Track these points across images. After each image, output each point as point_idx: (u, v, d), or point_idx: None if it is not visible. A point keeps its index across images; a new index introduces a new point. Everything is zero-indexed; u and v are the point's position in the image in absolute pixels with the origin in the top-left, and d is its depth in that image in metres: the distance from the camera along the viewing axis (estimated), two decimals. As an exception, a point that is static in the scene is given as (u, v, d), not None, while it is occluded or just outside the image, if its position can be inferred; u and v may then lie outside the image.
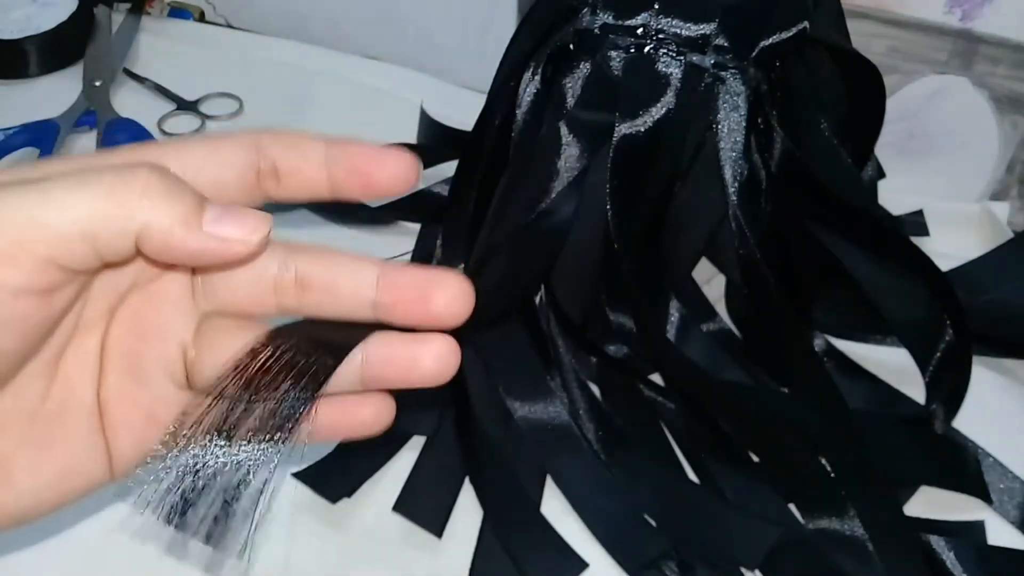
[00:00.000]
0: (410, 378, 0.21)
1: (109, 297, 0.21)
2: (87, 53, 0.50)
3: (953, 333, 0.33)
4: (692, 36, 0.31)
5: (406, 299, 0.21)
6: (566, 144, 0.32)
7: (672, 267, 0.35)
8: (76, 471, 0.21)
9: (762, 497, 0.31)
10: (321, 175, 0.21)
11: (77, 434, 0.21)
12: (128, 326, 0.21)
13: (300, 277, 0.21)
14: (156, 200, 0.18)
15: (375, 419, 0.22)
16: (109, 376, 0.21)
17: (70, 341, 0.20)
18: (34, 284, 0.18)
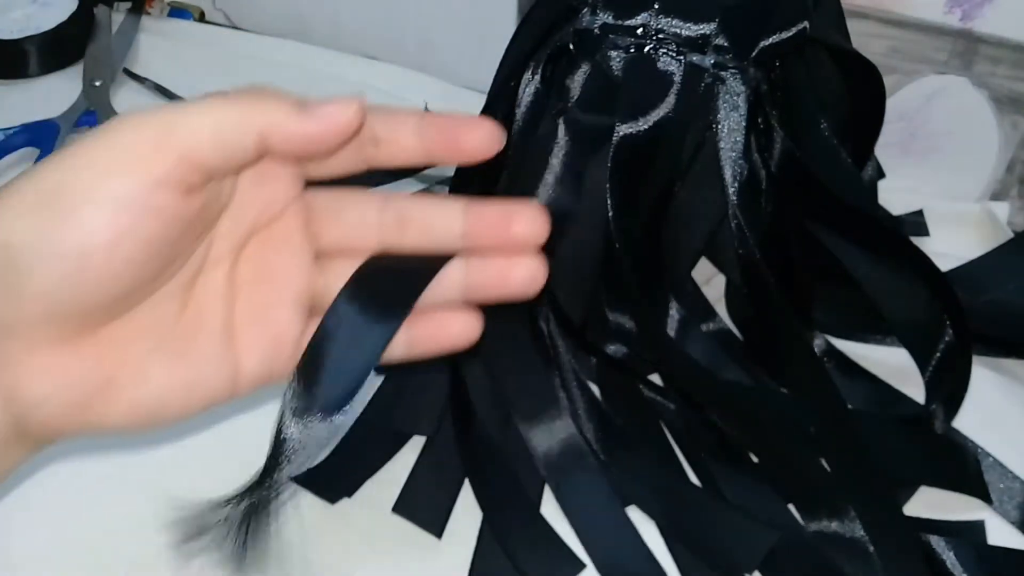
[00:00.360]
0: (505, 289, 0.25)
1: (233, 238, 0.24)
2: (87, 53, 0.50)
3: (953, 333, 0.33)
4: (692, 36, 0.31)
5: (491, 226, 0.24)
6: (562, 142, 0.32)
7: (672, 267, 0.35)
8: (205, 381, 0.24)
9: (762, 498, 0.31)
10: (415, 142, 0.24)
11: (208, 349, 0.24)
12: (253, 264, 0.24)
13: (399, 215, 0.25)
14: (270, 101, 0.21)
15: (464, 332, 0.25)
16: (239, 304, 0.24)
17: (199, 274, 0.24)
18: (172, 178, 0.21)
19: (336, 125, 0.22)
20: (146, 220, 0.21)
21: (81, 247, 0.20)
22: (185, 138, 0.21)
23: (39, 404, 0.22)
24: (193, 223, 0.22)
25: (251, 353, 0.24)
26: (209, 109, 0.21)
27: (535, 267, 0.25)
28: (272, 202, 0.24)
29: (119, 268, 0.21)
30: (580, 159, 0.32)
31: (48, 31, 0.49)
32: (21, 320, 0.21)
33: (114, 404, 0.22)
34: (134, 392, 0.23)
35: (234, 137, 0.21)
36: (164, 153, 0.20)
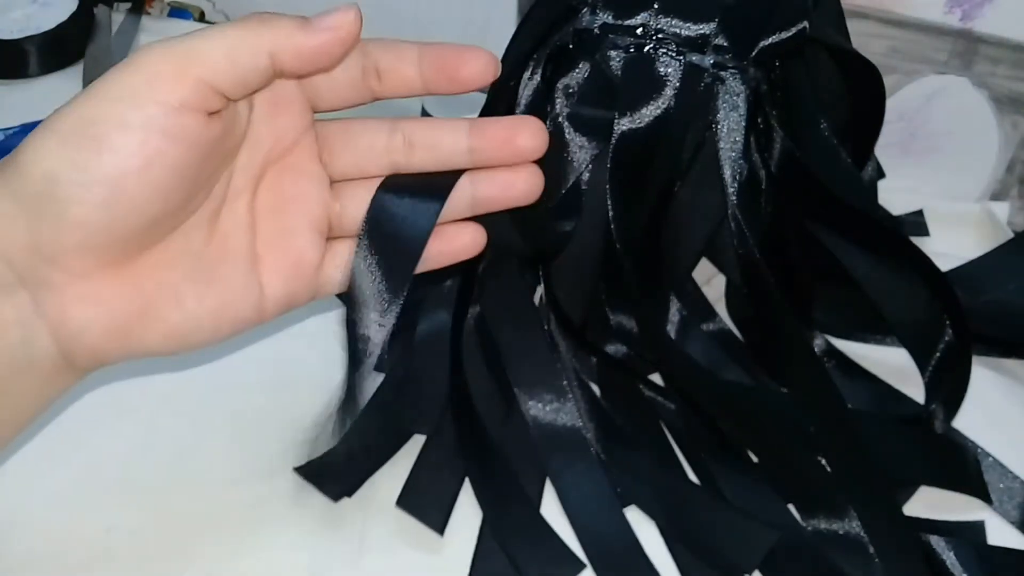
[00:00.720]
0: (510, 196, 0.27)
1: (250, 171, 0.26)
2: (87, 53, 0.50)
3: (953, 333, 0.33)
4: (692, 36, 0.31)
5: (495, 140, 0.26)
6: (572, 141, 0.32)
7: (672, 267, 0.35)
8: (233, 305, 0.25)
9: (762, 498, 0.31)
10: (415, 73, 0.25)
11: (235, 275, 0.25)
12: (272, 194, 0.26)
13: (407, 137, 0.27)
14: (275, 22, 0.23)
15: (473, 242, 0.28)
16: (260, 232, 0.26)
17: (223, 204, 0.25)
18: (193, 101, 0.22)
19: (338, 32, 0.23)
20: (173, 144, 0.22)
21: (115, 173, 0.22)
22: (202, 63, 0.22)
23: (83, 330, 0.23)
24: (215, 149, 0.24)
25: (274, 277, 0.26)
26: (222, 35, 0.23)
27: (536, 177, 0.27)
28: (284, 134, 0.26)
29: (150, 193, 0.22)
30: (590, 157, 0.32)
31: (48, 31, 0.49)
32: (64, 249, 0.22)
33: (151, 329, 0.24)
34: (169, 317, 0.24)
35: (247, 58, 0.23)
36: (184, 78, 0.22)
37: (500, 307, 0.33)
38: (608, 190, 0.31)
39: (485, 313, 0.34)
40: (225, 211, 0.26)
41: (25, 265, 0.23)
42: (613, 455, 0.32)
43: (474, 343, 0.34)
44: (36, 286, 0.23)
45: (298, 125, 0.26)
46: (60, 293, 0.23)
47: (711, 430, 0.32)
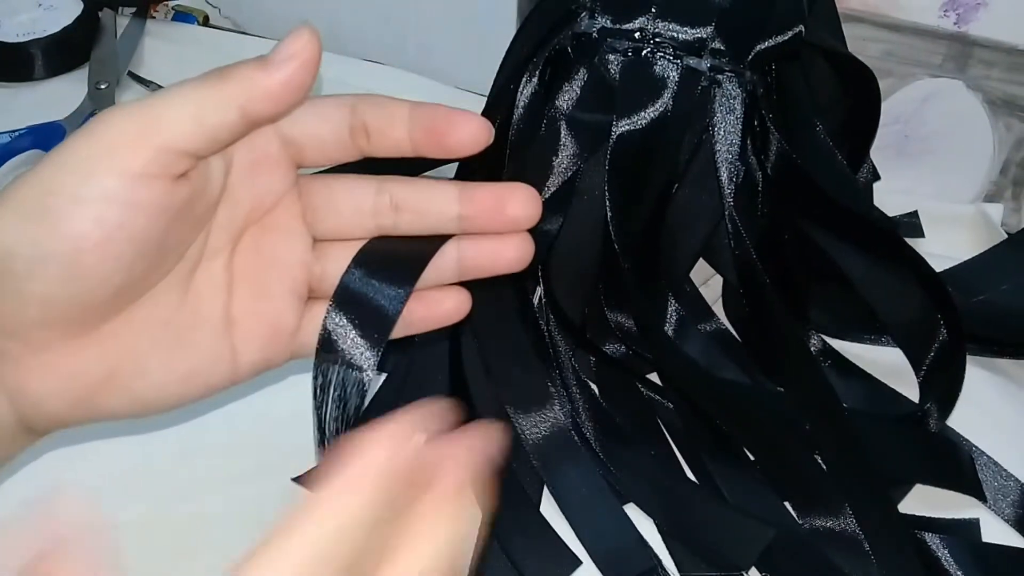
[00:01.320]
0: (498, 265, 0.26)
1: (229, 230, 0.24)
2: (92, 56, 0.50)
3: (947, 333, 0.34)
4: (689, 40, 0.31)
5: (485, 208, 0.25)
6: (564, 144, 0.32)
7: (670, 267, 0.35)
8: (203, 372, 0.24)
9: (758, 495, 0.31)
10: (404, 135, 0.24)
11: (207, 341, 0.24)
12: (251, 254, 0.25)
13: (394, 200, 0.25)
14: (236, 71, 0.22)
15: (457, 309, 0.27)
16: (236, 295, 0.25)
17: (198, 265, 0.24)
18: (152, 170, 0.21)
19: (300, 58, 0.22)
20: (132, 215, 0.21)
21: (72, 249, 0.21)
22: (166, 128, 0.21)
23: (43, 400, 0.22)
24: (183, 213, 0.22)
25: (249, 342, 0.25)
26: (186, 96, 0.21)
27: (526, 245, 0.26)
28: (267, 192, 0.25)
29: (111, 266, 0.21)
30: (578, 161, 0.32)
31: (53, 34, 0.50)
32: (22, 323, 0.21)
33: (115, 396, 0.23)
34: (134, 384, 0.23)
35: (215, 117, 0.21)
36: (143, 146, 0.21)
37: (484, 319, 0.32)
38: (606, 192, 0.32)
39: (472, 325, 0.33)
40: (200, 272, 0.24)
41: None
42: (612, 454, 0.32)
43: (472, 343, 0.34)
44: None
45: (281, 184, 0.25)
46: (20, 364, 0.22)
47: (709, 429, 0.32)
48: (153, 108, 0.21)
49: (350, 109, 0.24)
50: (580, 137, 0.32)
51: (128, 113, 0.21)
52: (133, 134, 0.21)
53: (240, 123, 0.22)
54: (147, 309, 0.23)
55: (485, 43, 0.52)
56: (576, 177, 0.32)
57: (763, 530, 0.29)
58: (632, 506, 0.31)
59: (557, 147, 0.32)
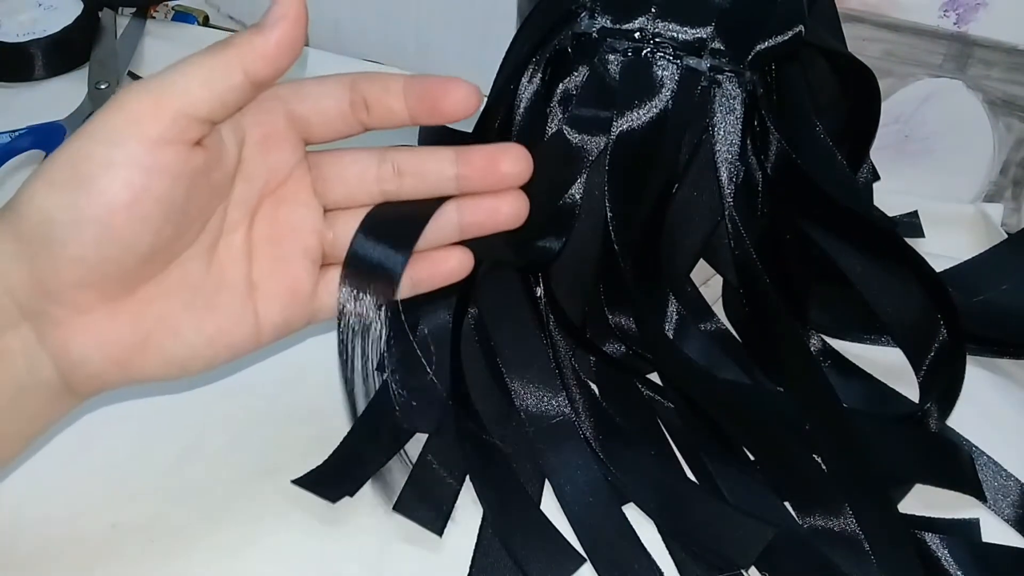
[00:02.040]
0: (496, 222, 0.28)
1: (247, 203, 0.27)
2: (92, 56, 0.50)
3: (947, 333, 0.34)
4: (688, 40, 0.31)
5: (480, 167, 0.27)
6: (576, 143, 0.32)
7: (670, 267, 0.35)
8: (230, 333, 0.26)
9: (758, 495, 0.31)
10: (401, 105, 0.26)
11: (232, 304, 0.26)
12: (268, 225, 0.27)
13: (396, 166, 0.27)
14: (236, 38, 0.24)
15: (460, 266, 0.29)
16: (257, 262, 0.27)
17: (220, 236, 0.26)
18: (172, 135, 0.23)
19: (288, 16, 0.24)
20: (156, 178, 0.23)
21: (103, 211, 0.23)
22: (179, 95, 0.23)
23: (84, 361, 0.24)
24: (201, 180, 0.24)
25: (270, 305, 0.27)
26: (194, 64, 0.24)
27: (520, 202, 0.28)
28: (278, 167, 0.27)
29: (140, 227, 0.23)
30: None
31: (54, 34, 0.50)
32: (63, 286, 0.23)
33: (150, 358, 0.25)
34: (167, 345, 0.25)
35: (222, 80, 0.24)
36: (162, 113, 0.23)
37: (496, 303, 0.33)
38: (606, 192, 0.32)
39: (481, 309, 0.34)
40: (222, 243, 0.26)
41: (28, 300, 0.24)
42: (612, 453, 0.32)
43: (473, 343, 0.34)
44: (38, 319, 0.24)
45: (290, 158, 0.27)
46: (62, 327, 0.24)
47: (708, 428, 0.32)
48: (167, 79, 0.23)
49: (350, 84, 0.26)
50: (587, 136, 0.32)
51: (146, 86, 0.23)
52: (151, 104, 0.23)
53: (245, 85, 0.24)
54: (176, 276, 0.25)
55: (485, 43, 0.52)
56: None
57: (763, 529, 0.29)
58: (631, 506, 0.31)
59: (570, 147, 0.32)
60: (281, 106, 0.26)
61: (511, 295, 0.33)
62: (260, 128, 0.26)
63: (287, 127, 0.27)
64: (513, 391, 0.32)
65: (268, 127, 0.26)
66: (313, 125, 0.27)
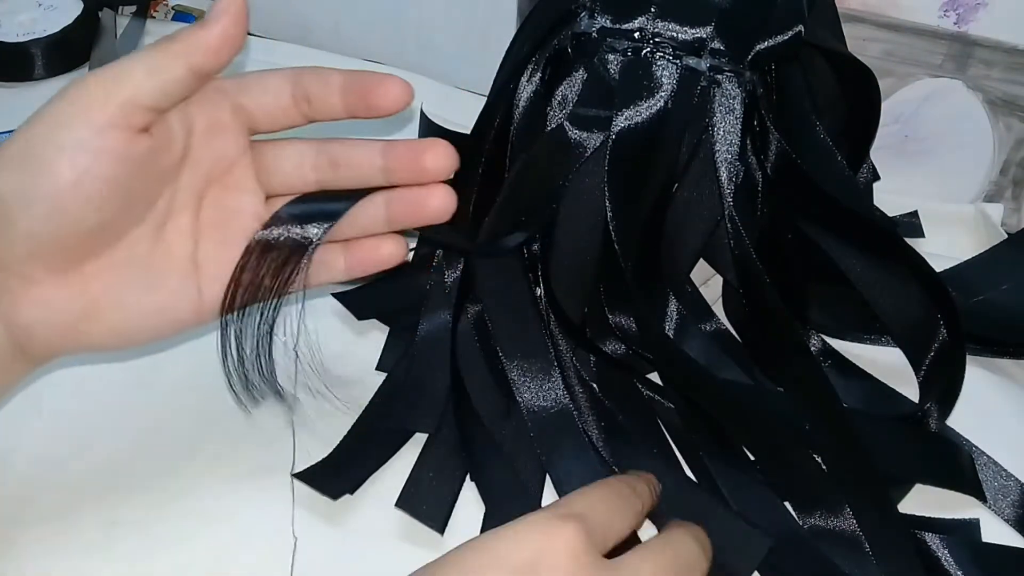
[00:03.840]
0: (422, 214, 0.29)
1: (193, 189, 0.28)
2: (92, 56, 0.50)
3: (947, 333, 0.34)
4: (688, 39, 0.31)
5: (405, 160, 0.28)
6: (576, 140, 0.32)
7: (670, 268, 0.35)
8: (172, 308, 0.28)
9: (758, 496, 0.31)
10: (338, 99, 0.28)
11: (176, 282, 0.28)
12: (213, 209, 0.29)
13: (331, 158, 0.29)
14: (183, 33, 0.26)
15: (393, 253, 0.30)
16: (202, 243, 0.28)
17: (169, 217, 0.28)
18: (118, 121, 0.25)
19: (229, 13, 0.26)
20: (101, 160, 0.25)
21: (52, 189, 0.24)
22: (126, 84, 0.25)
23: (33, 326, 0.26)
24: (146, 164, 0.26)
25: (212, 283, 0.28)
26: (142, 56, 0.25)
27: (447, 196, 0.29)
28: (224, 154, 0.28)
29: (85, 205, 0.25)
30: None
31: (53, 34, 0.50)
32: (14, 258, 0.25)
33: (97, 326, 0.27)
34: (113, 317, 0.27)
35: (167, 73, 0.25)
36: (108, 102, 0.25)
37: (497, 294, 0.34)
38: (606, 192, 0.32)
39: (482, 300, 0.34)
40: (170, 224, 0.28)
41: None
42: (614, 451, 0.32)
43: (472, 342, 0.34)
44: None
45: (235, 147, 0.29)
46: (13, 294, 0.26)
47: (709, 428, 0.32)
48: (115, 70, 0.25)
49: (293, 79, 0.28)
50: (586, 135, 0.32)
51: (96, 76, 0.25)
52: (101, 93, 0.25)
53: (188, 77, 0.26)
54: (123, 253, 0.27)
55: (485, 43, 0.52)
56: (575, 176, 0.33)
57: (762, 540, 0.29)
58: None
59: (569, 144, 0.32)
60: (226, 98, 0.28)
61: (512, 288, 0.34)
62: (206, 118, 0.28)
63: (232, 118, 0.28)
64: (512, 382, 0.32)
65: (214, 118, 0.28)
66: (257, 117, 0.28)
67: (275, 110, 0.28)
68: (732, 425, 0.32)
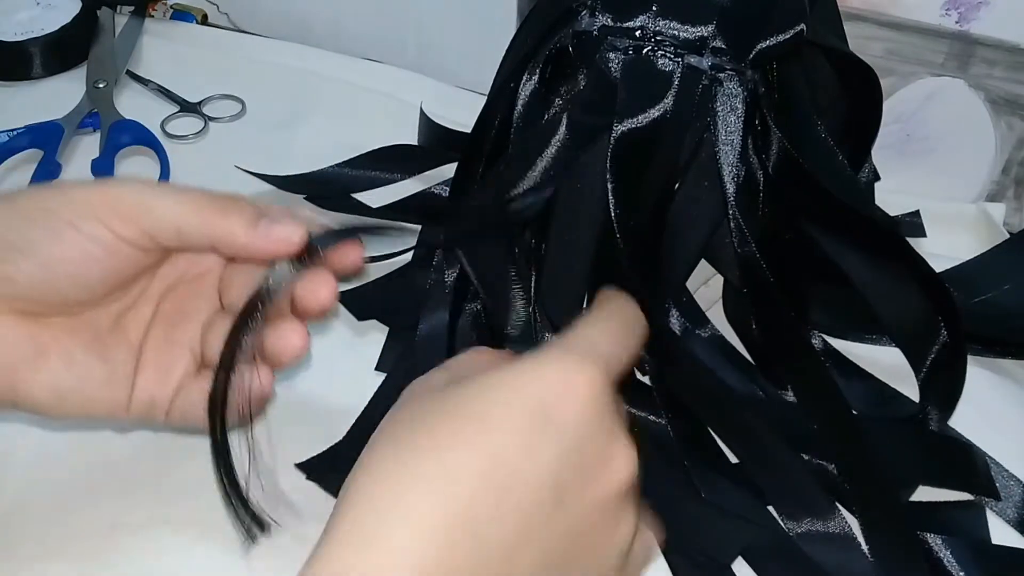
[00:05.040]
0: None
1: (167, 280, 0.29)
2: (91, 55, 0.50)
3: (947, 334, 0.33)
4: (690, 38, 0.31)
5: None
6: (561, 136, 0.32)
7: (671, 270, 0.35)
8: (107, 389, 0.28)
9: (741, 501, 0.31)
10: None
11: (120, 360, 0.28)
12: (173, 304, 0.29)
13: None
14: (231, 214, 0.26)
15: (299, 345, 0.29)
16: (152, 334, 0.29)
17: (135, 304, 0.29)
18: (135, 241, 0.26)
19: (280, 245, 0.26)
20: (110, 257, 0.26)
21: (53, 259, 0.26)
22: (154, 222, 0.26)
23: None
24: (144, 269, 0.28)
25: (145, 375, 0.28)
26: (181, 208, 0.26)
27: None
28: (201, 264, 0.29)
29: (79, 282, 0.26)
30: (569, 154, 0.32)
31: (52, 33, 0.50)
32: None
33: (39, 376, 0.27)
34: (59, 371, 0.27)
35: (191, 237, 0.26)
36: (135, 224, 0.26)
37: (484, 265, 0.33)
38: (609, 193, 0.31)
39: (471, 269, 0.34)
40: (134, 310, 0.29)
41: None
42: None
43: (471, 341, 0.34)
44: None
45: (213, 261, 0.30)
46: None
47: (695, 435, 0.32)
48: (154, 200, 0.26)
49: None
50: (580, 134, 0.32)
51: (138, 191, 0.26)
52: (130, 209, 0.26)
53: (207, 248, 0.27)
54: (86, 320, 0.28)
55: (485, 43, 0.52)
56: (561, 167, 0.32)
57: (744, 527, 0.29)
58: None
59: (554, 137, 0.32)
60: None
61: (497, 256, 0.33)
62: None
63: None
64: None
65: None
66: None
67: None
68: (723, 427, 0.32)
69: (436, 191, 0.41)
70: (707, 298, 0.38)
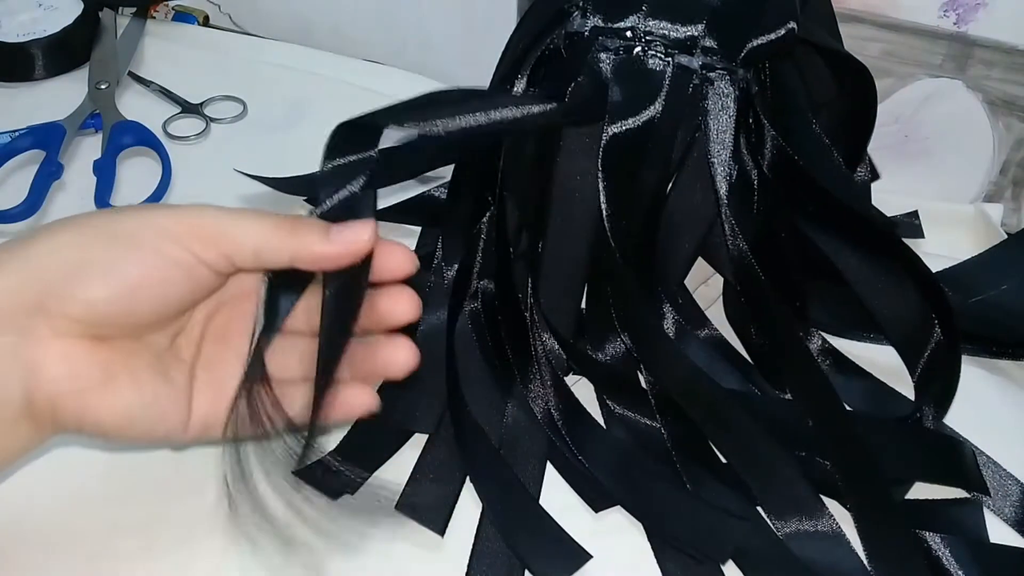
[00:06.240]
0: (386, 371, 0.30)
1: (217, 299, 0.30)
2: (92, 56, 0.51)
3: (942, 334, 0.33)
4: (680, 38, 0.31)
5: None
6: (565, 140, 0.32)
7: (666, 271, 0.35)
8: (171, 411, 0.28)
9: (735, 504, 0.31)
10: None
11: (178, 381, 0.29)
12: (219, 326, 0.30)
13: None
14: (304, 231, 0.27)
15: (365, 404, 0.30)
16: (203, 352, 0.30)
17: (185, 326, 0.30)
18: (212, 264, 0.27)
19: (352, 246, 0.27)
20: (188, 280, 0.27)
21: (134, 280, 0.26)
22: (233, 245, 0.27)
23: (51, 381, 0.26)
24: (213, 290, 0.28)
25: (202, 394, 0.29)
26: (258, 230, 0.27)
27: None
28: (250, 283, 0.30)
29: (156, 305, 0.27)
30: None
31: (54, 34, 0.50)
32: (61, 312, 0.26)
33: (108, 399, 0.27)
34: (128, 395, 0.27)
35: (270, 256, 0.27)
36: (213, 247, 0.27)
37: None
38: (601, 194, 0.31)
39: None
40: (184, 332, 0.30)
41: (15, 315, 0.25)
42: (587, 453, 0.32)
43: (470, 341, 0.34)
44: (19, 333, 0.26)
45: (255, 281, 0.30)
46: (43, 343, 0.26)
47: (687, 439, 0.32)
48: (232, 224, 0.27)
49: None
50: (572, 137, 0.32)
51: (214, 215, 0.27)
52: (210, 233, 0.27)
53: (285, 264, 0.27)
54: (147, 340, 0.28)
55: (485, 43, 0.52)
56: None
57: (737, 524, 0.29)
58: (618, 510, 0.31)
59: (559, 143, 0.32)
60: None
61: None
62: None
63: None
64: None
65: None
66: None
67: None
68: (711, 427, 0.31)
69: (435, 193, 0.41)
70: (707, 297, 0.38)
